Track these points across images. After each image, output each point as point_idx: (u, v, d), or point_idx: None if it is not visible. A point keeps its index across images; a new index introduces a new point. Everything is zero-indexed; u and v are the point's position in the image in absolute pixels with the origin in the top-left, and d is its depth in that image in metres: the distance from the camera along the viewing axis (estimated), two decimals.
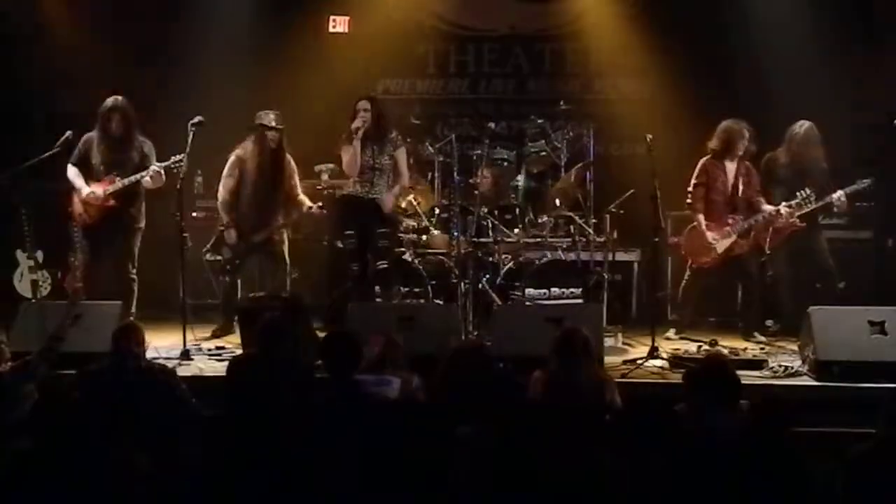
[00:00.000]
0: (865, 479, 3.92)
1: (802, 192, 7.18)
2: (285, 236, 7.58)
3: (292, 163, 7.50)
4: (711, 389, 4.35)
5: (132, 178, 7.11)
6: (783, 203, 7.26)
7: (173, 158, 7.01)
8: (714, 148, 7.37)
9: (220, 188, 7.41)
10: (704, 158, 7.40)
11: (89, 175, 7.21)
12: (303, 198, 7.49)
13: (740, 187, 7.34)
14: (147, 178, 7.09)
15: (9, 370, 5.06)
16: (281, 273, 7.48)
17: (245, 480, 4.26)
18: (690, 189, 7.39)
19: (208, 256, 7.59)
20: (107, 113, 7.15)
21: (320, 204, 7.45)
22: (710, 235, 7.31)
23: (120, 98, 7.19)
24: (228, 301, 7.59)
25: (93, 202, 7.16)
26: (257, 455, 4.33)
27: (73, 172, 7.22)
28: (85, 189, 7.16)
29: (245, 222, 7.39)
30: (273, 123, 7.36)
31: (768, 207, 7.30)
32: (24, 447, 3.97)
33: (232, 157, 7.39)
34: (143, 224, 7.36)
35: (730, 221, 7.34)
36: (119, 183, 7.12)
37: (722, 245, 7.33)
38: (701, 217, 7.36)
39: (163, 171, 7.05)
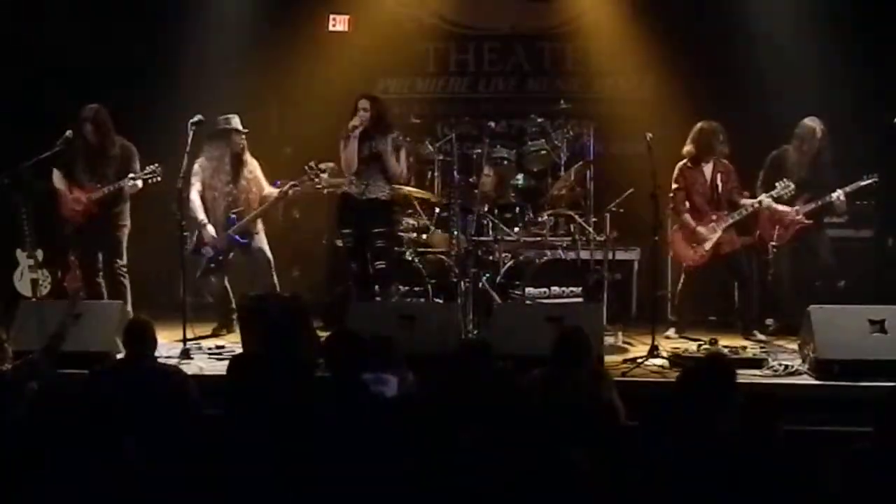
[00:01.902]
0: (863, 477, 3.92)
1: (781, 182, 7.21)
2: (262, 232, 7.58)
3: (253, 160, 7.53)
4: (705, 389, 4.35)
5: (111, 187, 7.23)
6: (764, 194, 7.28)
7: (148, 168, 7.20)
8: (689, 151, 7.39)
9: (190, 191, 7.38)
10: (680, 163, 7.43)
11: (73, 181, 7.34)
12: (270, 190, 7.50)
13: (719, 185, 7.37)
14: (126, 186, 7.22)
15: (11, 369, 5.06)
16: (265, 270, 7.48)
17: (246, 479, 4.27)
18: (671, 194, 7.41)
19: (191, 255, 7.60)
20: (83, 123, 7.23)
21: (289, 185, 7.43)
22: (701, 230, 7.32)
23: (95, 107, 7.27)
24: (222, 301, 7.60)
25: (75, 205, 7.29)
26: (258, 454, 4.34)
27: (56, 176, 7.36)
28: (68, 193, 7.31)
29: (217, 223, 7.41)
30: (239, 128, 7.41)
31: (749, 200, 7.33)
32: (25, 446, 3.97)
33: (196, 165, 7.39)
34: (127, 223, 7.43)
35: (714, 218, 7.35)
36: (100, 192, 7.24)
37: (709, 241, 7.33)
38: (687, 216, 7.39)
39: (139, 182, 7.20)
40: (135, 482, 3.88)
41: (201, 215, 7.38)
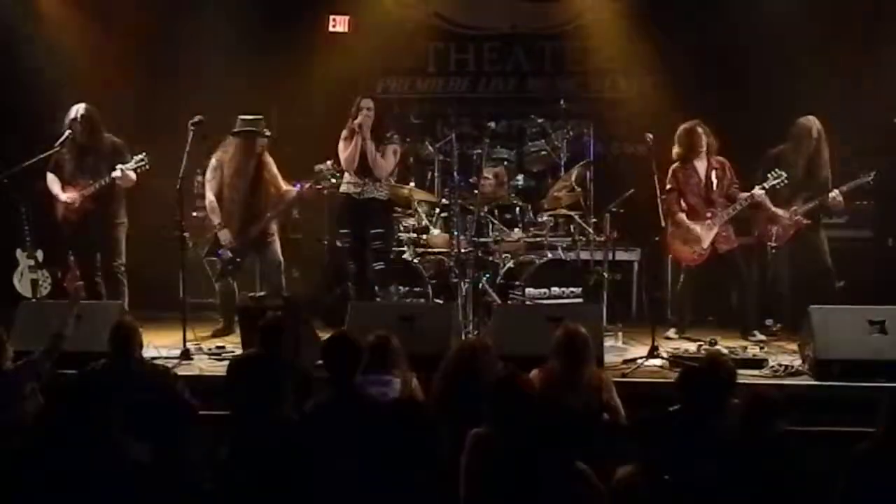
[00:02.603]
0: (865, 478, 3.92)
1: (774, 172, 7.20)
2: (276, 234, 7.57)
3: (271, 159, 7.51)
4: (702, 390, 4.36)
5: (103, 181, 7.24)
6: (757, 186, 7.27)
7: (135, 158, 7.20)
8: (678, 153, 7.38)
9: (206, 192, 7.42)
10: (673, 165, 7.40)
11: (64, 181, 7.35)
12: (287, 187, 7.49)
13: (714, 182, 7.34)
14: (117, 179, 7.21)
15: (13, 368, 5.07)
16: (275, 272, 7.47)
17: (245, 480, 4.27)
18: (664, 196, 7.35)
19: (207, 258, 7.60)
20: (71, 123, 7.25)
21: (308, 185, 7.40)
22: (697, 228, 7.30)
23: (83, 106, 7.29)
24: (227, 302, 7.60)
25: (70, 206, 7.29)
26: (258, 454, 4.35)
27: (50, 178, 7.37)
28: (62, 195, 7.32)
29: (233, 222, 7.40)
30: (266, 132, 7.41)
31: (744, 194, 7.31)
32: (25, 446, 3.97)
33: (213, 161, 7.41)
34: (124, 220, 7.45)
35: (709, 215, 7.33)
36: (91, 187, 7.24)
37: (706, 239, 7.31)
38: (681, 215, 7.34)
39: (130, 171, 7.20)
40: (129, 482, 3.88)
41: (217, 218, 7.38)
